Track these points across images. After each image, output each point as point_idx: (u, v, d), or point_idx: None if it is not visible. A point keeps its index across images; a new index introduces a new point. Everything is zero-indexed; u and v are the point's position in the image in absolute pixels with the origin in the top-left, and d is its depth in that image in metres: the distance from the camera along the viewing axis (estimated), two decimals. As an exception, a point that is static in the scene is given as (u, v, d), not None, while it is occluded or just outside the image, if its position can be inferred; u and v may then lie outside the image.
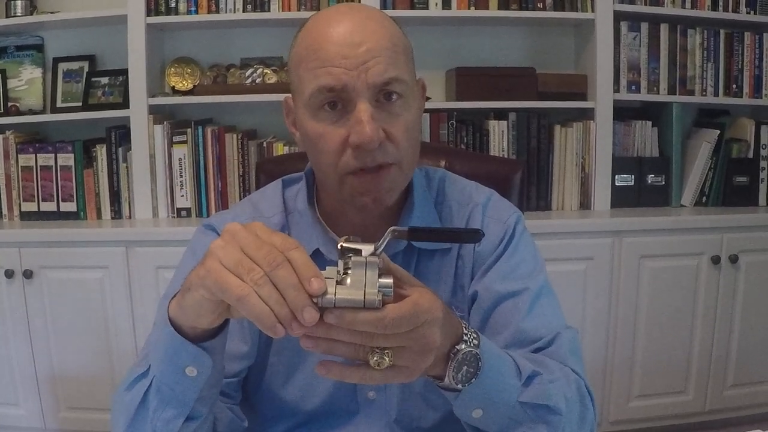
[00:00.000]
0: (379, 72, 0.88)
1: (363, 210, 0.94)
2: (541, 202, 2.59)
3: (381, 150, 0.89)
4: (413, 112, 0.94)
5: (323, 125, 0.90)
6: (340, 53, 0.88)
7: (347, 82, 0.87)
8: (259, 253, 0.65)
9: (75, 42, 2.68)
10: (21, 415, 2.42)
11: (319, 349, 0.68)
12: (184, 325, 0.75)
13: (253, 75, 2.60)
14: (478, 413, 0.81)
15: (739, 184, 2.65)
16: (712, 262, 2.44)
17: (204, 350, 0.76)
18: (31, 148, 2.53)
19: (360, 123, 0.87)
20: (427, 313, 0.70)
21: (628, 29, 2.59)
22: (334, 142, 0.90)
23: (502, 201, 1.09)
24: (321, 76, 0.88)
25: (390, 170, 0.92)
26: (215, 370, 0.79)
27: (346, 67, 0.87)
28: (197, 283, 0.68)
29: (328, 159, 0.91)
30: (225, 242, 0.68)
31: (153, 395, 0.80)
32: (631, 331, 2.45)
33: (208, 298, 0.69)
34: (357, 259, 0.69)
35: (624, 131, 2.64)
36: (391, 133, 0.90)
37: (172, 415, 0.80)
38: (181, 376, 0.77)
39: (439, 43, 2.70)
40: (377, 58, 0.88)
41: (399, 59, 0.91)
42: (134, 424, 0.83)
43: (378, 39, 0.90)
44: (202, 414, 0.83)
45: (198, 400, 0.80)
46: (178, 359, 0.77)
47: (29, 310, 2.35)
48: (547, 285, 1.01)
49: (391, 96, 0.90)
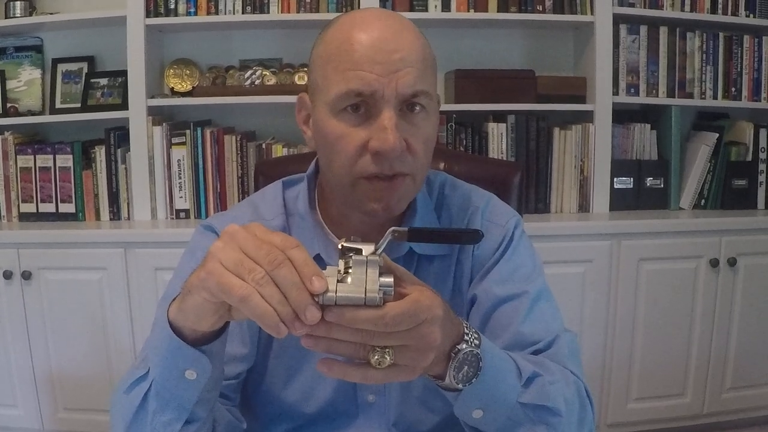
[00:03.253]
0: (409, 83, 0.88)
1: (371, 216, 0.94)
2: (540, 204, 2.59)
3: (399, 159, 0.89)
4: (433, 126, 0.95)
5: (344, 126, 0.90)
6: (373, 58, 0.87)
7: (377, 88, 0.87)
8: (259, 253, 0.65)
9: (74, 43, 2.68)
10: (19, 416, 2.42)
11: (320, 348, 0.68)
12: (185, 328, 0.75)
13: (252, 76, 2.60)
14: (479, 413, 0.82)
15: (738, 187, 2.65)
16: (710, 265, 2.44)
17: (204, 354, 0.76)
18: (29, 149, 2.53)
19: (384, 130, 0.87)
20: (427, 311, 0.70)
21: (628, 32, 2.59)
22: (353, 145, 0.89)
23: (501, 205, 1.09)
24: (351, 79, 0.87)
25: (404, 181, 0.92)
26: (215, 374, 0.79)
27: (378, 73, 0.87)
28: (198, 286, 0.68)
29: (344, 161, 0.91)
30: (224, 243, 0.67)
31: (152, 398, 0.80)
32: (630, 333, 2.45)
33: (209, 300, 0.68)
34: (358, 257, 0.69)
35: (623, 134, 2.65)
36: (411, 144, 0.90)
37: (172, 418, 0.80)
38: (180, 379, 0.77)
39: (439, 45, 2.67)
40: (409, 69, 0.88)
41: (428, 72, 0.92)
42: (133, 426, 0.83)
43: (412, 49, 0.90)
44: (202, 417, 0.82)
45: (197, 404, 0.80)
46: (177, 363, 0.76)
47: (28, 311, 2.35)
48: (545, 288, 1.01)
49: (414, 107, 0.90)
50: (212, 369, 0.77)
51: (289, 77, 2.60)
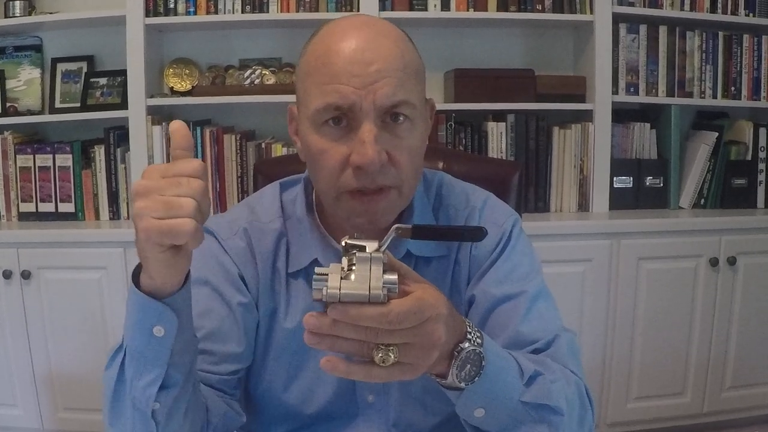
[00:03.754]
0: (387, 94, 0.87)
1: (358, 230, 0.94)
2: (539, 203, 2.59)
3: (382, 172, 0.88)
4: (419, 135, 0.93)
5: (325, 141, 0.89)
6: (350, 71, 0.86)
7: (355, 101, 0.86)
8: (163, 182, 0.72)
9: (73, 42, 2.68)
10: (19, 416, 2.42)
11: (324, 346, 0.68)
12: (158, 291, 0.77)
13: (252, 76, 2.60)
14: (480, 412, 0.81)
15: (738, 186, 2.65)
16: (710, 264, 2.44)
17: (167, 306, 0.77)
18: (29, 148, 2.53)
19: (363, 144, 0.86)
20: (431, 309, 0.70)
21: (627, 31, 2.59)
22: (335, 159, 0.89)
23: (499, 204, 1.09)
24: (329, 93, 0.87)
25: (389, 194, 0.91)
26: (183, 330, 0.80)
27: (354, 86, 0.86)
28: (146, 247, 0.73)
29: (327, 175, 0.90)
30: (140, 198, 0.73)
31: (128, 365, 0.81)
32: (629, 333, 2.45)
33: (161, 251, 0.72)
34: (362, 255, 0.70)
35: (622, 133, 2.65)
36: (394, 156, 0.89)
37: (147, 381, 0.80)
38: (150, 337, 0.78)
39: (438, 44, 2.70)
40: (387, 79, 0.87)
41: (409, 81, 0.90)
42: (115, 399, 0.83)
43: (390, 59, 0.88)
44: (178, 381, 0.82)
45: (171, 366, 0.80)
46: (145, 320, 0.78)
47: (27, 310, 2.35)
48: (544, 288, 1.01)
49: (398, 118, 0.89)
50: (178, 323, 0.78)
51: (289, 77, 2.60)
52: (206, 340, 0.94)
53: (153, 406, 0.81)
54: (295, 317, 1.00)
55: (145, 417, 0.82)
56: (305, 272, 1.00)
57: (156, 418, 0.82)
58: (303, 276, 1.00)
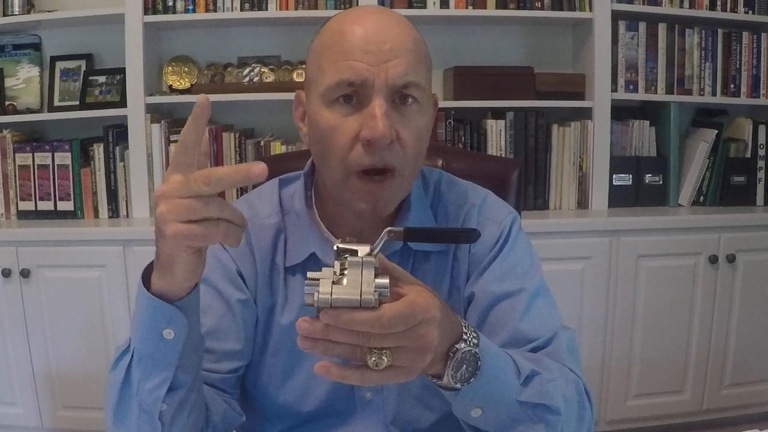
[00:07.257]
0: (399, 73, 0.88)
1: (359, 215, 0.94)
2: (538, 201, 2.59)
3: (390, 150, 0.89)
4: (426, 120, 0.95)
5: (336, 117, 0.90)
6: (364, 48, 0.88)
7: (367, 77, 0.88)
8: None
9: (72, 41, 2.68)
10: (18, 414, 2.42)
11: (317, 351, 0.68)
12: (169, 294, 0.77)
13: (251, 74, 2.59)
14: (477, 412, 0.81)
15: (737, 183, 2.65)
16: (709, 262, 2.44)
17: (178, 309, 0.77)
18: (28, 146, 2.53)
19: (374, 118, 0.87)
20: (424, 312, 0.69)
21: (626, 29, 2.59)
22: (345, 136, 0.89)
23: (498, 201, 1.09)
24: (343, 69, 0.88)
25: (393, 180, 0.92)
26: (192, 332, 0.80)
27: (368, 63, 0.88)
28: (172, 254, 0.73)
29: (337, 153, 0.91)
30: (163, 205, 0.73)
31: (135, 367, 0.81)
32: (629, 330, 2.45)
33: (189, 254, 0.73)
34: (353, 259, 0.69)
35: (622, 131, 2.65)
36: (402, 135, 0.90)
37: (156, 383, 0.80)
38: (159, 340, 0.78)
39: (437, 42, 2.70)
40: (399, 59, 0.89)
41: (420, 65, 0.92)
42: (121, 401, 0.83)
43: (402, 41, 0.90)
44: (186, 383, 0.82)
45: (180, 368, 0.81)
46: (155, 323, 0.78)
47: (26, 309, 2.35)
48: (543, 285, 1.01)
49: (407, 99, 0.91)
50: (188, 326, 0.78)
51: (288, 74, 2.60)
52: (205, 338, 0.94)
53: (161, 407, 0.81)
54: (293, 313, 1.00)
55: (152, 418, 0.82)
56: (303, 267, 1.00)
57: (162, 419, 0.82)
58: (301, 271, 1.00)
